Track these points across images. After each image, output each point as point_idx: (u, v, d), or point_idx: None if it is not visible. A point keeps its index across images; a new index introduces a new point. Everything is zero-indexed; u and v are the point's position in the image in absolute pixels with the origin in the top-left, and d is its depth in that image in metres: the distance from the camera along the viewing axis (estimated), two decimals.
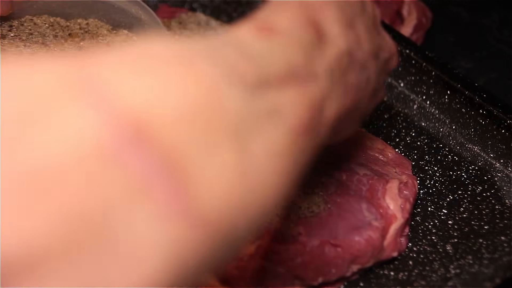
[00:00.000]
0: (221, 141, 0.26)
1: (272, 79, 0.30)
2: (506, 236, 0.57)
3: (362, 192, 0.56)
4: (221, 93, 0.27)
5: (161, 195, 0.24)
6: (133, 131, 0.24)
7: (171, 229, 0.24)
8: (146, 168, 0.24)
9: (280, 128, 0.30)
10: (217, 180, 0.26)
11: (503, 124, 0.64)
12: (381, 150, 0.61)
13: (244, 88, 0.28)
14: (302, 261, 0.51)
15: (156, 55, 0.27)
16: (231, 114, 0.27)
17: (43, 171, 0.22)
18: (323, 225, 0.53)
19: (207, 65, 0.27)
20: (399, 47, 0.72)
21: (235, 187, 0.27)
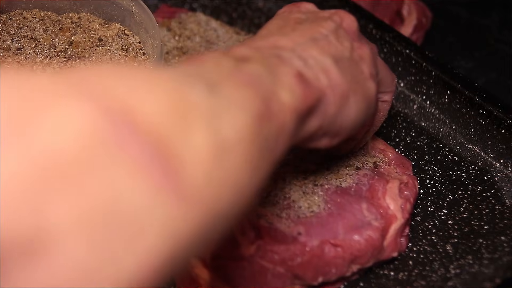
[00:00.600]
0: (195, 125, 0.30)
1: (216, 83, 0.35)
2: (506, 236, 0.57)
3: (362, 192, 0.56)
4: (186, 91, 0.32)
5: (157, 177, 0.27)
6: (128, 120, 0.27)
7: (167, 206, 0.27)
8: (142, 152, 0.27)
9: (242, 116, 0.34)
10: (198, 161, 0.30)
11: (503, 124, 0.64)
12: (382, 150, 0.61)
13: (201, 89, 0.33)
14: (302, 261, 0.51)
15: (133, 68, 0.33)
16: (199, 105, 0.32)
17: (55, 157, 0.25)
18: (323, 225, 0.53)
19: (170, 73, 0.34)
20: (399, 47, 0.72)
21: (213, 167, 0.30)
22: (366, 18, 0.75)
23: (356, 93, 0.47)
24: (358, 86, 0.48)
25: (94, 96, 0.27)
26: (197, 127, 0.30)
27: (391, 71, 0.55)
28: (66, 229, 0.25)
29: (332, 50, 0.47)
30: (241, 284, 0.51)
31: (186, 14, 0.75)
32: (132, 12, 0.63)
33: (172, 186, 0.28)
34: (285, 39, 0.46)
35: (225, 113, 0.33)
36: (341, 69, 0.46)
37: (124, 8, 0.64)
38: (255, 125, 0.35)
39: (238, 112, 0.34)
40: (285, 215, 0.53)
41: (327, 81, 0.45)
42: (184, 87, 0.32)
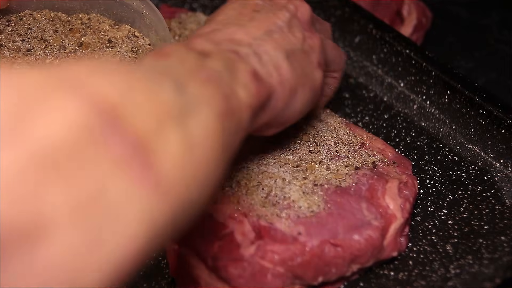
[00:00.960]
0: (169, 125, 0.33)
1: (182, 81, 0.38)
2: (506, 236, 0.57)
3: (361, 191, 0.56)
4: (160, 91, 0.35)
5: (136, 170, 0.30)
6: (113, 116, 0.30)
7: (145, 197, 0.30)
8: (124, 147, 0.30)
9: (208, 113, 0.37)
10: (172, 156, 0.33)
11: (503, 124, 0.64)
12: (381, 150, 0.61)
13: (170, 88, 0.36)
14: (302, 261, 0.51)
15: (117, 66, 0.36)
16: (170, 105, 0.34)
17: (48, 150, 0.27)
18: (323, 225, 0.53)
19: (145, 73, 0.37)
20: (399, 47, 0.72)
21: (185, 161, 0.34)
22: (366, 18, 0.75)
23: (304, 86, 0.52)
24: (307, 78, 0.52)
25: (83, 92, 0.30)
26: (170, 128, 0.33)
27: (340, 51, 0.60)
28: (60, 216, 0.27)
29: (285, 43, 0.51)
30: (241, 284, 0.51)
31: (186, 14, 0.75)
32: (142, 14, 0.63)
33: (149, 178, 0.31)
34: (242, 32, 0.50)
35: (193, 111, 0.36)
36: (292, 64, 0.50)
37: (134, 10, 0.63)
38: (219, 122, 0.38)
39: (204, 109, 0.37)
40: (285, 215, 0.53)
41: (278, 78, 0.49)
42: (157, 87, 0.35)
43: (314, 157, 0.58)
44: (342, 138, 0.61)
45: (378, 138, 0.62)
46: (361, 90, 0.74)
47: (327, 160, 0.58)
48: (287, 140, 0.60)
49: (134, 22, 0.64)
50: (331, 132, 0.61)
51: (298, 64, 0.51)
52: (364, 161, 0.59)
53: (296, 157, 0.58)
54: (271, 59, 0.49)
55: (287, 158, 0.58)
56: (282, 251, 0.51)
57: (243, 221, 0.53)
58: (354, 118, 0.70)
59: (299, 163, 0.57)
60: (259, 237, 0.52)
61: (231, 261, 0.51)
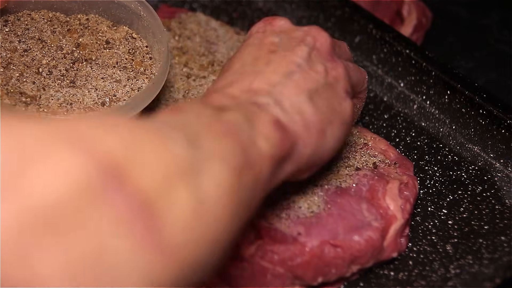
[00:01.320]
0: (177, 183, 0.32)
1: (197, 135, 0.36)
2: (506, 236, 0.58)
3: (362, 192, 0.56)
4: (170, 146, 0.33)
5: (139, 232, 0.29)
6: (117, 175, 0.29)
7: (147, 261, 0.29)
8: (128, 208, 0.28)
9: (222, 169, 0.35)
10: (179, 217, 0.31)
11: (503, 124, 0.64)
12: (383, 150, 0.61)
13: (182, 144, 0.34)
14: (301, 262, 0.51)
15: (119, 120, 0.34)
16: (181, 162, 0.33)
17: (47, 208, 0.26)
18: (323, 225, 0.53)
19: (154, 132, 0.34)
20: (399, 47, 0.72)
21: (193, 222, 0.32)
22: (366, 18, 0.75)
23: (332, 123, 0.48)
24: (335, 114, 0.49)
25: (85, 148, 0.29)
26: (179, 186, 0.32)
27: (361, 70, 0.56)
28: (57, 278, 0.26)
29: (307, 83, 0.48)
30: (241, 284, 0.51)
31: (186, 14, 0.75)
32: (140, 16, 0.63)
33: (153, 242, 0.29)
34: (260, 80, 0.47)
35: (206, 167, 0.34)
36: (316, 104, 0.47)
37: (132, 11, 0.63)
38: (235, 177, 0.36)
39: (218, 165, 0.35)
40: (285, 215, 0.53)
41: (303, 123, 0.46)
42: (167, 142, 0.33)
43: None
44: None
45: (381, 139, 0.62)
46: None
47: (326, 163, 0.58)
48: None
49: (132, 24, 0.64)
50: None
51: (324, 102, 0.48)
52: (365, 161, 0.59)
53: None
54: (293, 104, 0.46)
55: None
56: (282, 251, 0.51)
57: None
58: None
59: None
60: (259, 237, 0.52)
61: (231, 261, 0.51)
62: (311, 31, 0.51)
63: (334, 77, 0.50)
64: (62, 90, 0.57)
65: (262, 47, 0.50)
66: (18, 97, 0.56)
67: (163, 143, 0.33)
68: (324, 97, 0.48)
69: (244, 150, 0.39)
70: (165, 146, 0.33)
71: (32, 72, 0.58)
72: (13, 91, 0.56)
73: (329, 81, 0.49)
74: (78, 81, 0.58)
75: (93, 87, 0.58)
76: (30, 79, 0.58)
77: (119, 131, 0.31)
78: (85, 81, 0.58)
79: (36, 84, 0.57)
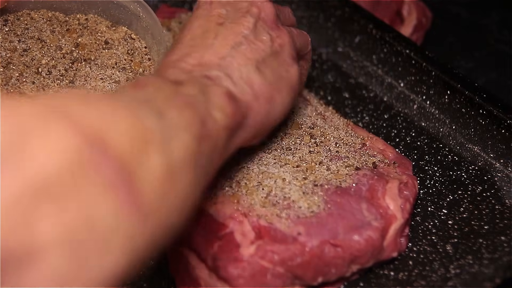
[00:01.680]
0: (152, 151, 0.35)
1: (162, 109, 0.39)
2: (506, 236, 0.57)
3: (362, 192, 0.56)
4: (141, 117, 0.36)
5: (122, 194, 0.32)
6: (101, 145, 0.32)
7: (129, 220, 0.32)
8: (111, 174, 0.31)
9: (186, 137, 0.39)
10: (154, 181, 0.34)
11: (503, 124, 0.64)
12: (381, 150, 0.61)
13: (153, 115, 0.37)
14: (301, 261, 0.51)
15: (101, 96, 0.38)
16: (152, 130, 0.36)
17: (46, 178, 0.29)
18: (323, 225, 0.53)
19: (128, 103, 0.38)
20: (399, 47, 0.72)
21: (166, 185, 0.35)
22: (366, 18, 0.75)
23: (281, 90, 0.52)
24: (282, 80, 0.52)
25: (74, 123, 0.31)
26: (153, 151, 0.35)
27: (304, 33, 0.59)
28: (51, 243, 0.29)
29: (254, 53, 0.51)
30: (241, 284, 0.51)
31: (186, 14, 0.75)
32: (139, 17, 0.63)
33: (134, 205, 0.32)
34: (210, 53, 0.50)
35: (173, 136, 0.38)
36: (264, 73, 0.51)
37: (131, 12, 0.63)
38: (197, 146, 0.40)
39: (183, 133, 0.39)
40: (285, 215, 0.53)
41: (252, 93, 0.49)
42: (138, 114, 0.37)
43: (314, 157, 0.58)
44: (343, 138, 0.61)
45: (378, 138, 0.62)
46: (361, 90, 0.74)
47: (327, 161, 0.58)
48: (288, 141, 0.60)
49: (131, 24, 0.64)
50: (332, 132, 0.61)
51: (271, 70, 0.52)
52: (364, 161, 0.59)
53: (296, 157, 0.58)
54: (242, 75, 0.49)
55: (287, 159, 0.58)
56: (282, 251, 0.51)
57: (243, 221, 0.53)
58: (354, 118, 0.70)
59: (299, 164, 0.57)
60: (259, 237, 0.52)
61: (231, 261, 0.51)
62: (256, 2, 0.54)
63: (280, 45, 0.53)
64: (61, 91, 0.57)
65: (210, 18, 0.53)
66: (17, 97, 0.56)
67: (135, 115, 0.36)
68: (271, 65, 0.52)
69: (202, 121, 0.42)
70: (137, 118, 0.36)
71: (31, 72, 0.58)
72: (13, 91, 0.56)
73: (275, 49, 0.52)
74: (77, 81, 0.58)
75: (92, 87, 0.58)
76: (29, 79, 0.58)
77: (99, 107, 0.35)
78: (84, 82, 0.58)
79: (36, 84, 0.57)
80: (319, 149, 0.59)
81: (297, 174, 0.56)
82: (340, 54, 0.78)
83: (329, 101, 0.72)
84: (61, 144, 0.30)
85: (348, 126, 0.63)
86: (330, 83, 0.75)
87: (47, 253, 0.29)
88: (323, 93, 0.73)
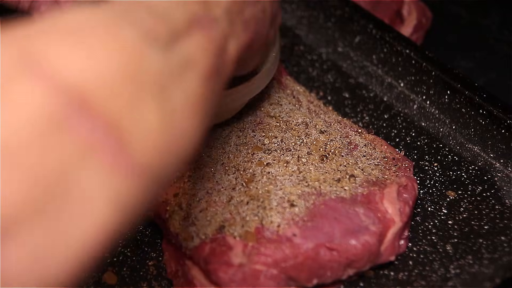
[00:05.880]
0: (146, 101, 0.30)
1: (179, 32, 0.33)
2: (506, 236, 0.57)
3: (360, 196, 0.55)
4: (142, 56, 0.31)
5: (106, 154, 0.28)
6: (76, 100, 0.28)
7: (116, 182, 0.29)
8: (91, 131, 0.28)
9: (194, 77, 0.34)
10: (147, 135, 0.30)
11: (503, 124, 0.64)
12: (383, 151, 0.61)
13: (160, 47, 0.32)
14: (295, 263, 0.51)
15: (84, 25, 0.30)
16: (152, 73, 0.31)
17: (5, 143, 0.26)
18: (319, 228, 0.52)
19: (129, 31, 0.31)
20: (399, 47, 0.72)
21: (161, 138, 0.31)
22: (366, 18, 0.75)
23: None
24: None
25: (46, 76, 0.27)
26: (147, 100, 0.30)
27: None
28: (21, 213, 0.26)
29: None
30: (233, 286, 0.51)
31: None
32: None
33: (123, 167, 0.29)
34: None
35: (179, 75, 0.33)
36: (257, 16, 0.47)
37: None
38: (205, 87, 0.35)
39: (191, 72, 0.34)
40: (280, 217, 0.53)
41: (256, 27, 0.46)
42: (141, 49, 0.31)
43: (313, 159, 0.58)
44: (343, 139, 0.61)
45: (380, 139, 0.62)
46: (361, 90, 0.74)
47: (326, 163, 0.58)
48: (287, 142, 0.60)
49: None
50: (332, 132, 0.61)
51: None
52: (363, 163, 0.59)
53: (294, 159, 0.58)
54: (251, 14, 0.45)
55: (286, 160, 0.58)
56: (275, 253, 0.51)
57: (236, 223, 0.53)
58: (354, 118, 0.70)
59: (298, 166, 0.57)
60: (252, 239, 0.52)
61: (221, 265, 0.51)
62: None
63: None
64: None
65: None
66: None
67: (133, 51, 0.30)
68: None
69: (217, 53, 0.37)
70: (136, 54, 0.30)
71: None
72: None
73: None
74: None
75: None
76: None
77: (83, 48, 0.29)
78: None
79: None
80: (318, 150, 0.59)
81: (294, 177, 0.56)
82: (340, 54, 0.78)
83: (329, 101, 0.72)
84: (27, 100, 0.26)
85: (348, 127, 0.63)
86: (330, 83, 0.75)
87: (20, 223, 0.26)
88: (323, 93, 0.74)
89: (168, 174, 0.33)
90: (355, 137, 0.61)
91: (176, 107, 0.32)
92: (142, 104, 0.30)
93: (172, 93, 0.32)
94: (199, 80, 0.34)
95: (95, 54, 0.29)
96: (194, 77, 0.34)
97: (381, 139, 0.62)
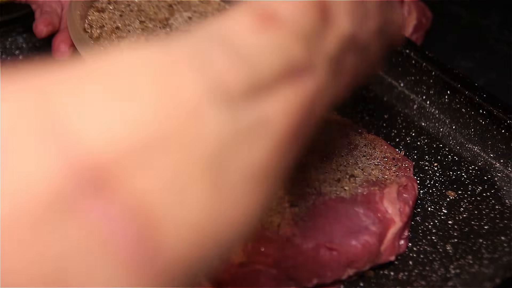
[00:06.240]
0: (193, 178, 0.23)
1: (264, 82, 0.26)
2: (506, 236, 0.57)
3: (360, 196, 0.55)
4: (202, 116, 0.23)
5: (124, 247, 0.22)
6: (93, 177, 0.21)
7: (134, 281, 0.22)
8: (106, 218, 0.21)
9: (264, 144, 0.26)
10: (187, 222, 0.23)
11: (503, 124, 0.64)
12: (382, 150, 0.60)
13: (228, 105, 0.24)
14: (295, 263, 0.51)
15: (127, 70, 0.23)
16: (210, 141, 0.23)
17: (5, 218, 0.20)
18: (319, 228, 0.52)
19: (189, 79, 0.23)
20: (399, 47, 0.72)
21: (205, 226, 0.24)
22: None
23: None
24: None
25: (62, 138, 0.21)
26: (194, 178, 0.23)
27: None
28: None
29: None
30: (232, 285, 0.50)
31: None
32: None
33: (142, 260, 0.22)
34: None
35: (243, 145, 0.24)
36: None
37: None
38: (277, 151, 0.27)
39: (262, 140, 0.25)
40: (280, 217, 0.53)
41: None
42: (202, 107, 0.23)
43: (312, 159, 0.58)
44: (343, 140, 0.61)
45: (380, 139, 0.62)
46: (361, 90, 0.74)
47: (326, 163, 0.58)
48: None
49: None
50: (332, 132, 0.61)
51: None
52: (363, 163, 0.59)
53: None
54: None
55: None
56: (275, 253, 0.51)
57: None
58: (354, 118, 0.70)
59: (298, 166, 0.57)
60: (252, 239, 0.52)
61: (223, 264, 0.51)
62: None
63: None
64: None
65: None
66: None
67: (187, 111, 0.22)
68: None
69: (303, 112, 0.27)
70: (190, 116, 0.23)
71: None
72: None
73: None
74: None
75: None
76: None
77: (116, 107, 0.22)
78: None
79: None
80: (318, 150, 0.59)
81: (294, 177, 0.56)
82: None
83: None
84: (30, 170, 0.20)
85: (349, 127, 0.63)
86: None
87: None
88: None
89: (207, 264, 0.25)
90: (355, 137, 0.61)
91: (232, 182, 0.24)
92: (185, 183, 0.23)
93: (230, 166, 0.24)
94: (270, 146, 0.26)
95: (131, 114, 0.22)
96: (265, 143, 0.26)
97: (381, 139, 0.62)
